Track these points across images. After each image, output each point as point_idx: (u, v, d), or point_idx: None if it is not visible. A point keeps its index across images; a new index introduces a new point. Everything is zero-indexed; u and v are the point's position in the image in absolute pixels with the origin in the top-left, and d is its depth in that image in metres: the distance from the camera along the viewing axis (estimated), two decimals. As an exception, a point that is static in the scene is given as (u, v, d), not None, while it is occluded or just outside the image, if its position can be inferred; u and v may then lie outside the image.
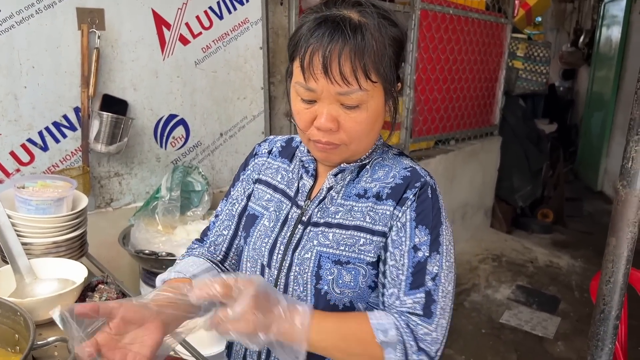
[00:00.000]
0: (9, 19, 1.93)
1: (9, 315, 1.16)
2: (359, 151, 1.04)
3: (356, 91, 0.94)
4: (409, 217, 1.01)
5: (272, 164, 1.18)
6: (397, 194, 1.03)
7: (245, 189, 1.20)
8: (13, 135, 2.03)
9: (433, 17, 3.62)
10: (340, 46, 0.92)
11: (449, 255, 1.02)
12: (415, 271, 0.99)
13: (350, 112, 0.96)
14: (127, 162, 2.35)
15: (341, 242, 1.02)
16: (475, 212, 4.66)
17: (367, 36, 0.93)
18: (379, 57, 0.95)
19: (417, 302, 0.97)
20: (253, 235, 1.12)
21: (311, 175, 1.11)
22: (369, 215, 1.03)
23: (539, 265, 4.36)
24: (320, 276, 1.02)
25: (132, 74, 2.27)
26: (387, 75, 0.97)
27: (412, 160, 1.11)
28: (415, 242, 1.00)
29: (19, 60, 1.98)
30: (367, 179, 1.07)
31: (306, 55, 0.93)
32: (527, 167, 4.97)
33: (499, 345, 3.20)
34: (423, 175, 1.05)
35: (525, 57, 5.07)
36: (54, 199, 1.51)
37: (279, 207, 1.12)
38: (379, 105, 0.99)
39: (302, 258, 1.04)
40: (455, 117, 4.17)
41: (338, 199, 1.06)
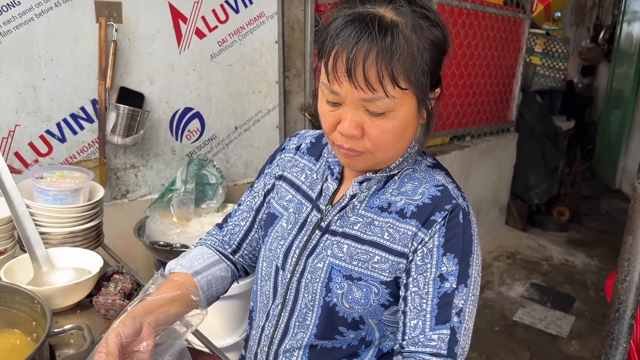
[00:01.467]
0: (29, 11, 1.96)
1: (26, 303, 1.17)
2: (385, 160, 0.97)
3: (382, 98, 0.86)
4: (437, 243, 0.94)
5: (298, 162, 1.14)
6: (423, 215, 0.95)
7: (266, 183, 1.18)
8: (32, 126, 2.06)
9: (450, 12, 3.59)
10: (366, 49, 0.83)
11: (476, 288, 0.96)
12: (442, 303, 0.93)
13: (375, 120, 0.89)
14: (142, 154, 2.37)
15: (354, 257, 0.98)
16: (490, 209, 4.63)
17: (398, 38, 0.84)
18: (410, 62, 0.85)
19: (442, 340, 0.92)
20: (270, 236, 1.10)
21: (336, 179, 1.06)
22: (388, 232, 0.97)
23: (554, 263, 4.32)
24: (330, 289, 0.99)
25: (149, 67, 2.29)
26: (420, 83, 0.88)
27: (447, 175, 1.02)
28: (442, 270, 0.93)
29: (38, 53, 2.01)
30: (393, 191, 1.00)
31: (331, 57, 0.87)
32: (543, 165, 4.92)
33: (511, 343, 3.18)
34: (455, 196, 0.97)
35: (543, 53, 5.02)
36: (71, 190, 1.53)
37: (298, 209, 1.08)
38: (409, 113, 0.91)
39: (314, 266, 1.01)
40: (471, 113, 4.14)
41: (360, 209, 1.01)
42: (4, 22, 1.91)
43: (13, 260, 1.37)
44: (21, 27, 1.95)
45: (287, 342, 1.05)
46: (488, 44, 4.08)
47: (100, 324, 1.23)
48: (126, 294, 1.34)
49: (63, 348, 1.16)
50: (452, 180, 1.02)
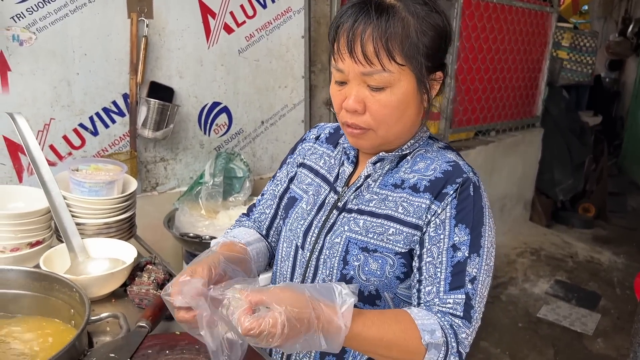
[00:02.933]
0: (64, 7, 2.00)
1: (65, 291, 1.21)
2: (388, 138, 1.02)
3: (380, 72, 0.94)
4: (449, 215, 0.99)
5: (317, 150, 1.20)
6: (435, 188, 1.00)
7: (289, 172, 1.23)
8: (66, 120, 2.11)
9: (476, 6, 3.56)
10: (363, 27, 0.93)
11: (489, 258, 1.00)
12: (455, 271, 0.97)
13: (376, 94, 0.96)
14: (172, 147, 2.41)
15: (370, 230, 1.02)
16: (515, 205, 4.59)
17: (394, 18, 0.93)
18: (406, 39, 0.93)
19: (457, 303, 0.96)
20: (291, 217, 1.15)
21: (351, 162, 1.12)
22: (402, 205, 1.02)
23: (579, 260, 4.27)
24: (347, 261, 1.03)
25: (178, 62, 2.33)
26: (417, 60, 0.95)
27: (458, 155, 1.08)
28: (455, 240, 0.98)
29: (72, 48, 2.06)
30: (406, 170, 1.05)
31: (335, 37, 0.97)
32: (569, 160, 4.85)
33: (535, 339, 3.17)
34: (466, 171, 1.02)
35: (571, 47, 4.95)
36: (105, 182, 1.57)
37: (317, 191, 1.14)
38: (408, 91, 0.97)
39: (332, 242, 1.06)
40: (496, 107, 4.11)
41: (374, 187, 1.06)
42: (39, 18, 1.96)
43: (51, 249, 1.41)
44: (56, 23, 2.00)
45: None
46: (514, 38, 4.04)
47: (135, 313, 1.26)
48: (159, 284, 1.37)
49: (100, 335, 1.19)
50: (463, 159, 1.07)
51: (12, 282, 1.22)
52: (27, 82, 1.99)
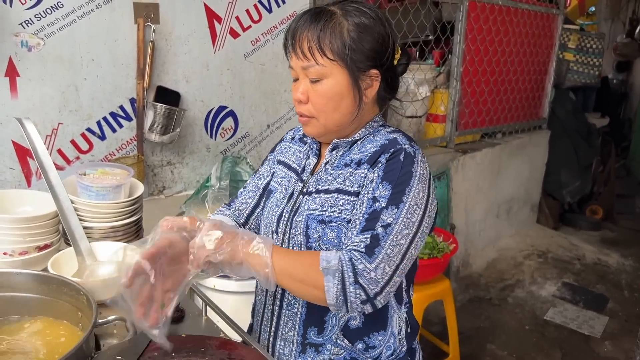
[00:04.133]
0: (71, 13, 2.03)
1: (73, 294, 1.22)
2: (329, 126, 1.15)
3: (314, 65, 1.09)
4: (376, 175, 1.10)
5: (291, 148, 1.34)
6: (372, 159, 1.13)
7: (271, 167, 1.36)
8: (73, 124, 2.13)
9: (482, 8, 3.56)
10: (302, 28, 1.10)
11: (411, 214, 1.07)
12: (370, 218, 1.07)
13: (314, 86, 1.11)
14: (179, 151, 2.43)
15: (325, 204, 1.15)
16: (521, 207, 4.57)
17: (330, 21, 1.09)
18: (337, 38, 1.08)
19: (362, 242, 1.05)
20: (267, 206, 1.29)
21: (315, 154, 1.26)
22: (349, 179, 1.14)
23: (587, 262, 4.25)
24: (309, 235, 1.15)
25: (185, 67, 2.35)
26: (346, 55, 1.08)
27: (403, 135, 1.18)
28: (376, 194, 1.08)
29: (80, 54, 2.08)
30: (355, 152, 1.18)
31: (286, 39, 1.13)
32: (576, 162, 4.83)
33: (542, 342, 3.15)
34: (401, 143, 1.13)
35: (577, 49, 4.94)
36: (112, 186, 1.58)
37: (289, 182, 1.27)
38: (342, 83, 1.10)
39: (296, 221, 1.18)
40: (502, 110, 4.10)
41: (330, 170, 1.19)
42: (48, 24, 1.98)
43: (59, 253, 1.43)
44: (64, 29, 2.02)
45: (287, 296, 1.23)
46: (520, 40, 4.03)
47: (142, 316, 1.27)
48: (166, 287, 1.38)
49: (107, 338, 1.20)
50: (409, 138, 1.17)
51: (20, 285, 1.23)
52: (35, 88, 2.01)
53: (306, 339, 1.21)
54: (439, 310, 2.89)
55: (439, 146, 3.66)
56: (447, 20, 3.54)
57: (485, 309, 3.47)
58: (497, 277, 3.89)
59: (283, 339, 1.24)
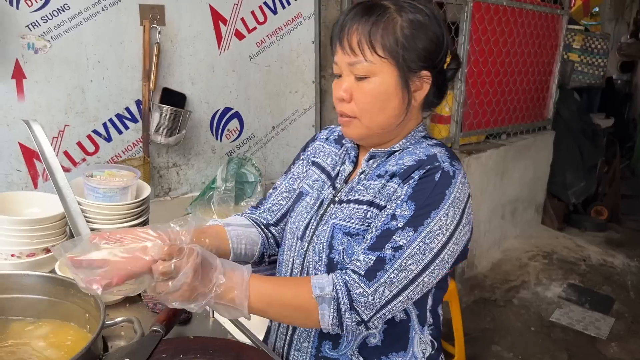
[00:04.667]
0: (78, 15, 2.03)
1: (80, 296, 1.22)
2: (372, 128, 1.08)
3: (362, 62, 1.02)
4: (404, 192, 1.02)
5: (326, 148, 1.27)
6: (405, 174, 1.05)
7: (306, 167, 1.29)
8: (80, 126, 2.14)
9: (486, 9, 3.56)
10: (352, 22, 1.03)
11: (431, 240, 0.98)
12: (381, 235, 1.00)
13: (360, 83, 1.04)
14: (184, 153, 2.44)
15: (353, 216, 1.08)
16: (526, 208, 4.56)
17: (383, 15, 1.02)
18: (389, 34, 1.01)
19: (364, 263, 0.98)
20: (296, 210, 1.21)
21: (351, 162, 1.18)
22: (379, 191, 1.07)
23: (592, 263, 4.24)
24: (333, 246, 1.09)
25: (190, 68, 2.35)
26: (397, 53, 1.01)
27: (445, 150, 1.09)
28: (397, 212, 1.01)
29: (86, 56, 2.09)
30: (392, 163, 1.10)
31: (333, 33, 1.08)
32: (581, 163, 4.82)
33: (548, 343, 3.14)
34: (441, 161, 1.04)
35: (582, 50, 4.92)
36: (119, 188, 1.58)
37: (321, 187, 1.20)
38: (390, 82, 1.03)
39: (321, 230, 1.12)
40: (507, 110, 4.09)
41: (364, 179, 1.12)
42: (54, 27, 1.99)
43: (67, 255, 1.43)
44: (70, 31, 2.03)
45: None
46: (524, 40, 4.02)
47: (149, 318, 1.27)
48: (173, 289, 1.38)
49: (114, 340, 1.20)
50: (451, 155, 1.07)
51: (28, 287, 1.23)
52: (42, 90, 2.02)
53: (320, 352, 1.15)
54: (444, 312, 2.86)
55: (443, 147, 3.65)
56: (452, 21, 3.54)
57: (490, 310, 3.46)
58: (502, 279, 3.88)
59: (297, 349, 1.19)
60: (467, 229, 1.05)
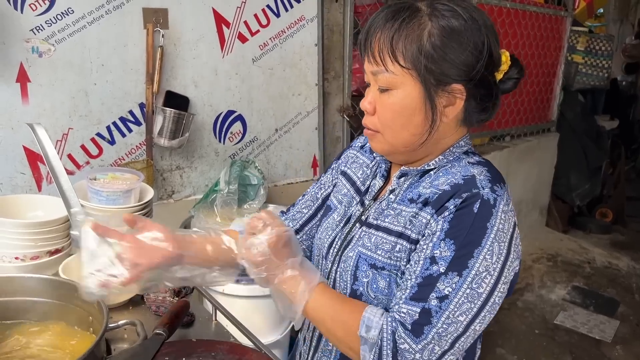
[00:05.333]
0: (82, 19, 2.04)
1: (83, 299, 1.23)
2: (396, 145, 0.98)
3: (383, 72, 0.93)
4: (440, 227, 0.91)
5: (359, 159, 1.19)
6: (439, 202, 0.93)
7: (334, 177, 1.23)
8: (83, 129, 2.15)
9: (489, 11, 3.55)
10: (376, 26, 0.93)
11: (477, 283, 0.88)
12: (424, 283, 0.90)
13: (382, 96, 0.95)
14: (187, 156, 2.44)
15: (379, 247, 0.99)
16: (530, 211, 4.55)
17: (411, 20, 0.90)
18: (414, 42, 0.90)
19: (409, 315, 0.89)
20: (322, 226, 1.16)
21: (382, 176, 1.10)
22: (410, 221, 0.97)
23: (597, 266, 4.22)
24: (357, 277, 1.02)
25: (194, 71, 2.36)
26: (421, 64, 0.90)
27: (488, 170, 0.97)
28: (435, 253, 0.90)
29: (90, 59, 2.09)
30: (426, 185, 0.99)
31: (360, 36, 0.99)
32: (585, 165, 4.81)
33: (553, 346, 3.13)
34: (480, 186, 0.92)
35: (586, 51, 4.90)
36: (123, 191, 1.59)
37: (349, 202, 1.13)
38: (413, 96, 0.92)
39: (346, 256, 1.05)
40: (510, 112, 4.09)
41: (394, 202, 1.02)
42: (58, 30, 2.00)
43: (70, 257, 1.44)
44: (74, 35, 2.04)
45: None
46: (528, 42, 4.02)
47: (152, 320, 1.27)
48: (176, 292, 1.39)
49: (118, 342, 1.20)
50: (493, 177, 0.96)
51: (31, 290, 1.24)
52: (46, 93, 2.02)
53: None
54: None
55: (447, 149, 3.64)
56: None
57: (494, 312, 3.45)
58: (506, 281, 3.86)
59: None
60: (516, 263, 0.95)
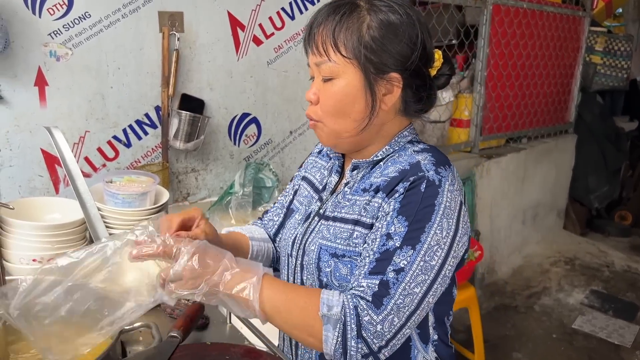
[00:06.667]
0: (98, 23, 2.06)
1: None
2: (339, 133, 1.04)
3: (326, 62, 1.00)
4: (392, 208, 0.98)
5: (317, 163, 1.25)
6: (389, 187, 1.00)
7: (295, 184, 1.30)
8: (100, 132, 2.16)
9: (506, 11, 3.53)
10: (319, 20, 1.01)
11: (429, 256, 0.94)
12: (381, 258, 0.95)
13: (325, 85, 1.01)
14: (203, 158, 2.45)
15: (338, 236, 1.05)
16: (548, 213, 4.50)
17: (351, 14, 0.98)
18: (354, 34, 0.97)
19: (369, 287, 0.93)
20: (286, 227, 1.22)
21: (337, 172, 1.16)
22: (364, 208, 1.03)
23: (616, 270, 4.16)
24: (320, 268, 1.07)
25: (209, 74, 2.37)
26: (361, 54, 0.98)
27: (432, 155, 1.03)
28: (390, 230, 0.96)
29: (106, 62, 2.11)
30: (377, 175, 1.05)
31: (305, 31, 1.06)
32: (604, 167, 4.74)
33: (570, 351, 3.09)
34: (425, 170, 0.99)
35: (605, 52, 4.84)
36: (138, 193, 1.60)
37: (309, 202, 1.19)
38: (354, 84, 0.99)
39: (309, 249, 1.10)
40: (527, 114, 4.05)
41: (349, 193, 1.08)
42: (75, 34, 2.02)
43: (86, 260, 1.45)
44: (91, 39, 2.06)
45: None
46: (545, 43, 3.98)
47: (167, 323, 1.28)
48: (191, 294, 1.39)
49: (133, 345, 1.21)
50: (437, 161, 1.01)
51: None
52: (63, 97, 2.04)
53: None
54: (464, 318, 2.85)
55: (463, 151, 3.62)
56: (471, 24, 3.51)
57: (511, 316, 3.42)
58: (523, 285, 3.83)
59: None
60: (464, 239, 1.01)
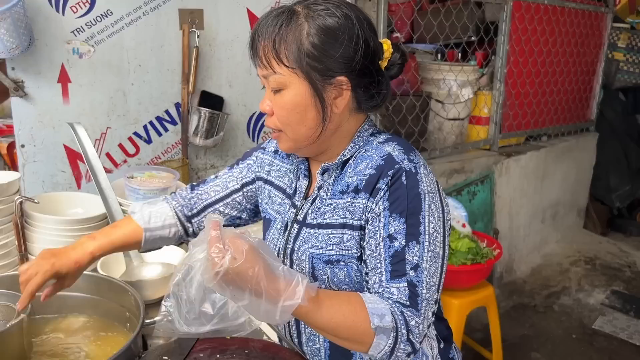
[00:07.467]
0: (120, 20, 2.08)
1: (121, 295, 1.26)
2: (299, 140, 1.04)
3: (272, 74, 0.98)
4: (382, 207, 0.99)
5: (280, 166, 1.22)
6: (370, 186, 1.01)
7: (244, 176, 1.26)
8: (121, 128, 2.19)
9: (526, 8, 3.49)
10: (260, 32, 0.98)
11: (433, 244, 0.98)
12: (395, 261, 0.97)
13: (276, 97, 1.01)
14: (222, 155, 2.47)
15: (329, 242, 1.05)
16: (568, 212, 4.44)
17: (290, 23, 0.96)
18: (294, 44, 0.96)
19: (402, 292, 0.95)
20: (267, 239, 1.19)
21: (304, 176, 1.15)
22: (348, 210, 1.03)
23: (638, 270, 4.09)
24: (316, 277, 1.07)
25: (228, 71, 2.38)
26: (305, 63, 0.96)
27: (397, 144, 1.05)
28: (390, 231, 0.97)
29: (128, 60, 2.14)
30: (350, 174, 1.06)
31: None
32: (626, 166, 4.67)
33: (591, 352, 3.05)
34: (399, 160, 1.00)
35: (627, 48, 4.76)
36: (159, 189, 1.62)
37: (285, 210, 1.17)
38: (302, 93, 0.99)
39: (299, 259, 1.09)
40: (547, 112, 4.00)
41: (327, 198, 1.08)
42: (98, 32, 2.05)
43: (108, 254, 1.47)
44: (113, 36, 2.08)
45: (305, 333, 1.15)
46: (567, 40, 3.92)
47: (187, 317, 1.29)
48: (210, 289, 1.40)
49: (153, 338, 1.22)
50: (405, 148, 1.04)
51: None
52: (85, 93, 2.07)
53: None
54: (482, 317, 2.83)
55: (482, 149, 3.59)
56: (491, 20, 3.48)
57: (529, 316, 3.38)
58: (542, 284, 3.79)
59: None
60: (448, 215, 1.04)
